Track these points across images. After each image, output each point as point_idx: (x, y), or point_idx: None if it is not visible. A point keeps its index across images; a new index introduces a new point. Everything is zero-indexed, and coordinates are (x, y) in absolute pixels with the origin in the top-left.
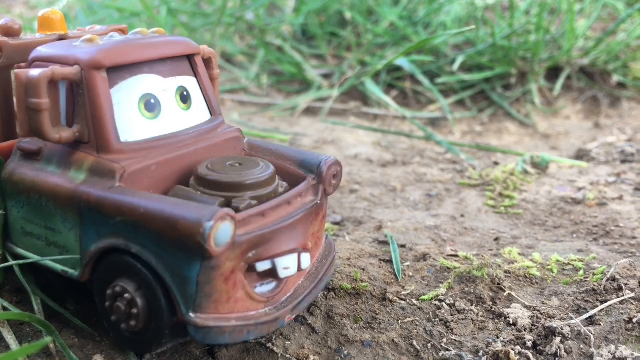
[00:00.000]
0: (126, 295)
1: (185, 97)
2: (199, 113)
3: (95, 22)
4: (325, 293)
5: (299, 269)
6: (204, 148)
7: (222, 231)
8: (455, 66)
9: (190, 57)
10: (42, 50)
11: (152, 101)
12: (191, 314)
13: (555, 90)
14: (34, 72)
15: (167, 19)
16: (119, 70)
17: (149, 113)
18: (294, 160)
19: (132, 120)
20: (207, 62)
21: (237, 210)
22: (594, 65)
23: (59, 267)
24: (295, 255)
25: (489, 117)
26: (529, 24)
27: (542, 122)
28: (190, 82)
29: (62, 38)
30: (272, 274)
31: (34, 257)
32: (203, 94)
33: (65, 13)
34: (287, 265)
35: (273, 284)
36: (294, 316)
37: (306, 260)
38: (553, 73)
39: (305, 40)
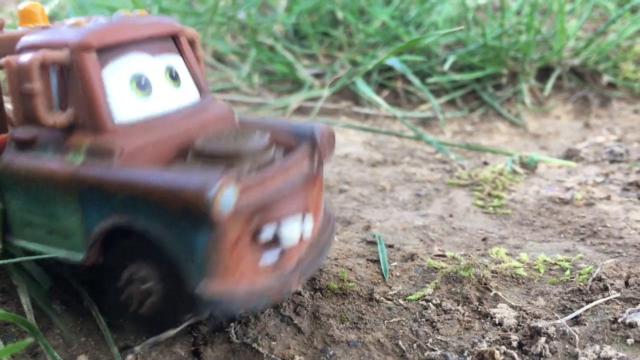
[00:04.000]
0: (141, 274)
1: (174, 76)
2: (188, 92)
3: None
4: (312, 293)
5: (302, 234)
6: (197, 125)
7: (226, 196)
8: (446, 66)
9: (174, 38)
10: (29, 39)
11: (143, 80)
12: (200, 286)
13: (545, 90)
14: (25, 57)
15: None
16: (108, 51)
17: (140, 92)
18: (286, 130)
19: (125, 100)
20: (191, 43)
21: (238, 178)
22: (585, 66)
23: (61, 253)
24: (298, 221)
25: (479, 116)
26: (519, 24)
27: (533, 122)
28: (177, 61)
29: None
30: (276, 241)
31: (35, 248)
32: (190, 73)
33: (57, 12)
34: (289, 231)
35: (277, 254)
36: (299, 285)
37: (308, 225)
38: (544, 73)
39: (297, 39)
